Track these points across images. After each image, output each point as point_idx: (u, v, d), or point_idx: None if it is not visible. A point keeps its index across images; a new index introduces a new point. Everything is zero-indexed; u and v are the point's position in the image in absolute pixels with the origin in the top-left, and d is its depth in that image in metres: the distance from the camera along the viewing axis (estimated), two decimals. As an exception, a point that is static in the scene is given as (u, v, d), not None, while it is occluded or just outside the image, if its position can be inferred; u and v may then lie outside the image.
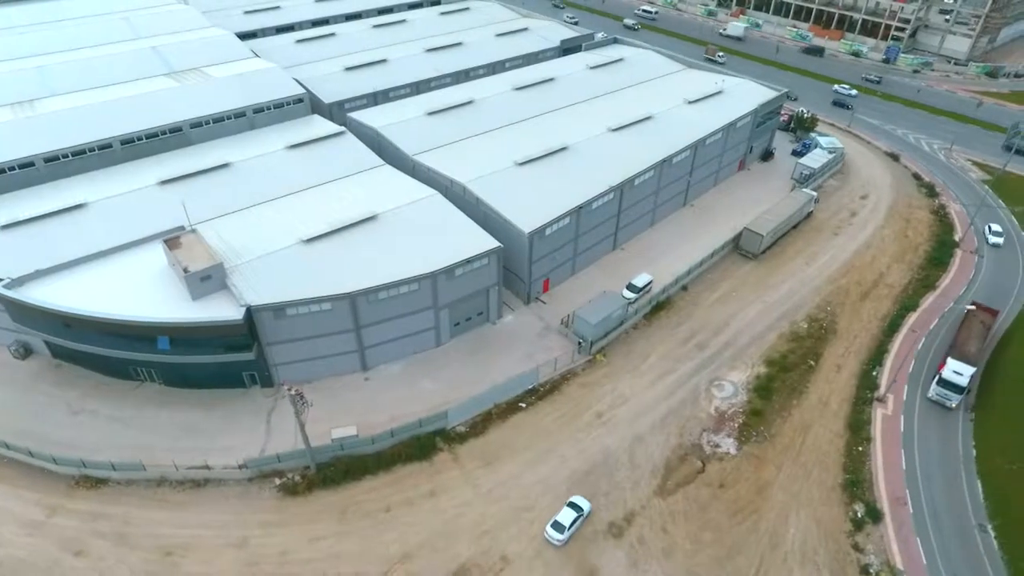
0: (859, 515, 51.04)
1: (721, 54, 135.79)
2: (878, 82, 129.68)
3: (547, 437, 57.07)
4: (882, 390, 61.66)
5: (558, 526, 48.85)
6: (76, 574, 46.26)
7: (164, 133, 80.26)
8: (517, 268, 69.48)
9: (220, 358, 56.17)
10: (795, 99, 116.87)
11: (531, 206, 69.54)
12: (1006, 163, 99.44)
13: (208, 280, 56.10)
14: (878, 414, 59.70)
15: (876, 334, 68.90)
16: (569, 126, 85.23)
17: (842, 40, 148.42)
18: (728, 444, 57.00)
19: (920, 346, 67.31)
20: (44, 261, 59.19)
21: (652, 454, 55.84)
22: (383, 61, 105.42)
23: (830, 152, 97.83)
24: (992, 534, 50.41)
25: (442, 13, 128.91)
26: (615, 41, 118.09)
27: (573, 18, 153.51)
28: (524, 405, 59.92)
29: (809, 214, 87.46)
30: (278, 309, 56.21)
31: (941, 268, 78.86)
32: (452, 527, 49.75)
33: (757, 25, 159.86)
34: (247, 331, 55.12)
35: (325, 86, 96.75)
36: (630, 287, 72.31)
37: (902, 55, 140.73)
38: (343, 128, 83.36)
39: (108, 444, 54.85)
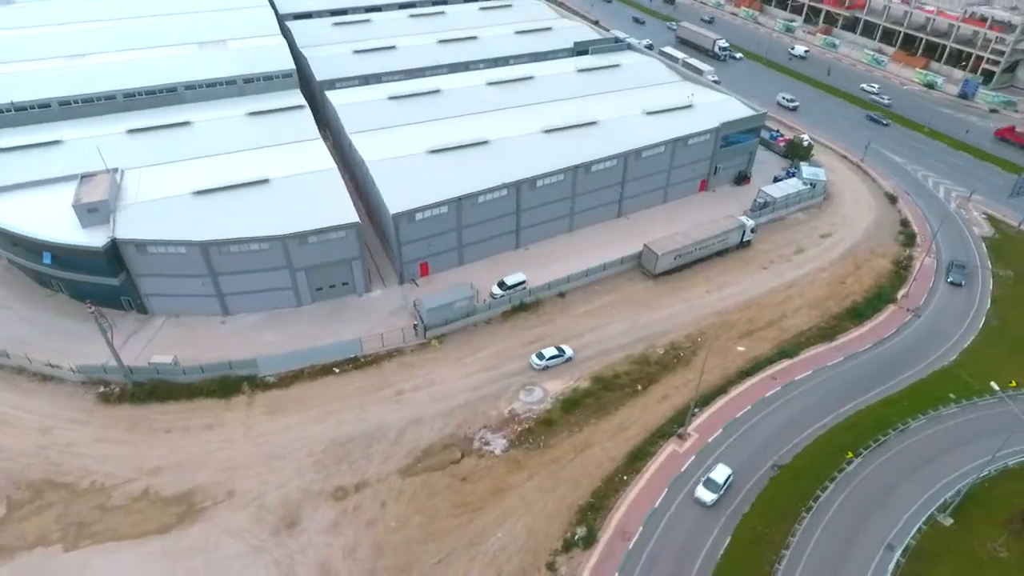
0: (575, 537, 49.78)
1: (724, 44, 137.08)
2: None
3: (339, 402, 60.93)
4: (688, 428, 58.32)
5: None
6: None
7: (161, 91, 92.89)
8: (392, 247, 73.37)
9: (90, 279, 66.11)
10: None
11: (415, 191, 72.88)
12: (1022, 221, 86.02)
13: (95, 212, 65.95)
14: (667, 449, 56.79)
15: (729, 373, 64.60)
16: (511, 123, 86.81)
17: (917, 70, 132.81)
18: (498, 444, 57.38)
19: (771, 394, 62.27)
20: (4, 181, 72.74)
21: (420, 437, 57.77)
22: (391, 48, 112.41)
23: (805, 183, 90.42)
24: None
25: (482, 8, 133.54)
26: (628, 47, 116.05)
27: (646, 42, 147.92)
28: (337, 371, 64.08)
29: (746, 243, 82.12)
30: (140, 245, 65.00)
31: (856, 321, 71.15)
32: (207, 457, 55.51)
33: (833, 45, 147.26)
34: (109, 259, 64.35)
35: (326, 65, 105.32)
36: (500, 284, 73.34)
37: (982, 91, 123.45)
38: (303, 103, 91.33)
39: (4, 335, 66.75)
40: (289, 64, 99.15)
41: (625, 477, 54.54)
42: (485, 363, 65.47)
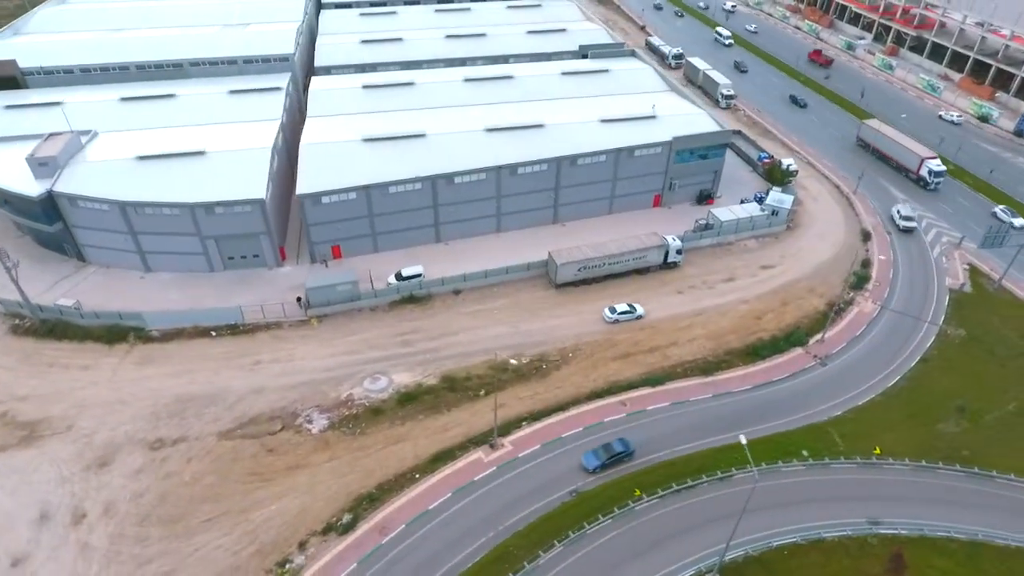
0: (338, 523, 50.54)
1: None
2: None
3: (201, 362, 65.13)
4: (503, 439, 57.05)
5: None
6: None
7: (168, 66, 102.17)
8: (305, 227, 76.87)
9: (35, 225, 74.68)
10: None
11: (332, 175, 75.83)
12: (1002, 275, 75.23)
13: (45, 166, 74.19)
14: (473, 456, 55.91)
15: (582, 392, 62.15)
16: (459, 119, 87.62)
17: (974, 100, 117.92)
18: (319, 424, 59.12)
19: (609, 419, 59.39)
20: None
21: (254, 405, 60.65)
22: (398, 40, 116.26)
23: (763, 209, 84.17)
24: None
25: (509, 7, 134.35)
26: (632, 54, 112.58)
27: (677, 51, 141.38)
28: (214, 334, 68.38)
29: (671, 264, 78.00)
30: (72, 199, 72.59)
31: (749, 360, 65.83)
32: (69, 393, 61.38)
33: (890, 67, 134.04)
34: (45, 208, 72.34)
35: (329, 53, 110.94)
36: (397, 275, 74.67)
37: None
38: (280, 86, 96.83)
39: (-32, 265, 76.91)
40: (287, 49, 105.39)
41: (418, 476, 54.47)
42: (350, 347, 67.28)
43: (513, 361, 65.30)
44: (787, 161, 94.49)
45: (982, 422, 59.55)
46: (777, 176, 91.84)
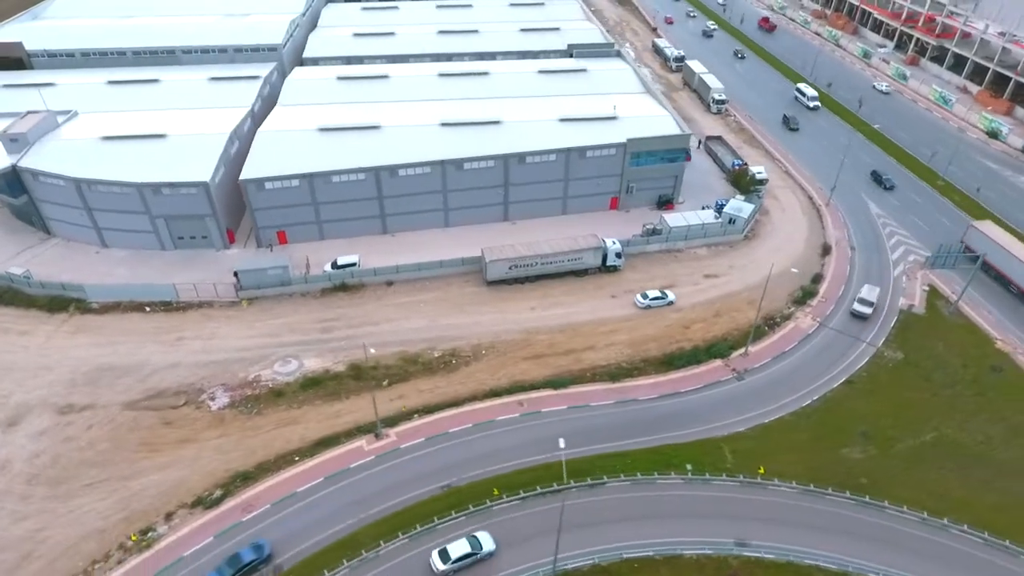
0: (208, 497, 51.85)
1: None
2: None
3: (129, 335, 67.74)
4: (390, 430, 57.29)
5: None
6: None
7: (162, 52, 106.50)
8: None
9: (4, 197, 79.08)
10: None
11: (280, 162, 77.63)
12: (958, 298, 70.73)
13: (15, 143, 78.53)
14: (356, 444, 56.32)
15: (482, 390, 61.73)
16: (422, 113, 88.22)
17: (984, 114, 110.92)
18: (220, 402, 60.69)
19: (502, 419, 58.78)
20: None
21: (165, 379, 62.73)
22: (390, 34, 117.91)
23: (717, 217, 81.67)
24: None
25: (511, 4, 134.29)
26: (618, 55, 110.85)
27: (679, 53, 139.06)
28: (148, 309, 71.02)
29: (611, 268, 76.59)
30: (34, 174, 76.58)
31: (662, 369, 64.02)
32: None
33: (904, 77, 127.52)
34: (10, 182, 76.59)
35: (320, 44, 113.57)
36: (333, 263, 75.82)
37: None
38: (259, 75, 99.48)
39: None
40: (276, 40, 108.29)
41: (298, 458, 55.30)
42: (272, 330, 68.75)
43: (436, 354, 65.57)
44: (756, 169, 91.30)
45: (892, 451, 56.24)
46: (742, 183, 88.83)
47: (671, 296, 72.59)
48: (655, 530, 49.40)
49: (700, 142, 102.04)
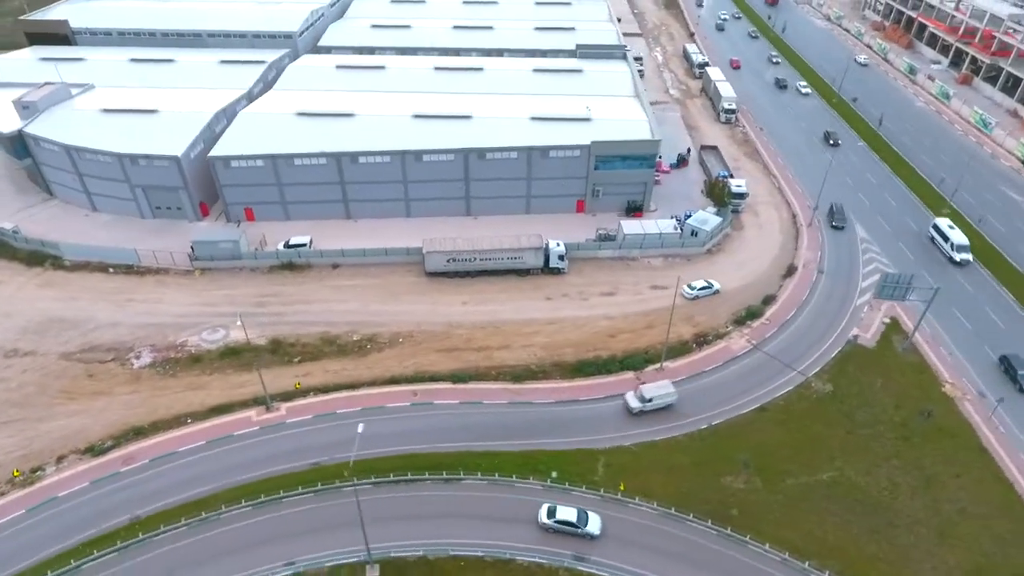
0: (98, 447, 55.47)
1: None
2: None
3: (88, 292, 73.14)
4: (283, 405, 59.22)
5: None
6: None
7: (189, 35, 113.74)
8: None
9: (12, 159, 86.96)
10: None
11: (251, 143, 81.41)
12: (912, 333, 65.18)
13: (26, 109, 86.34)
14: (248, 414, 58.55)
15: (383, 376, 62.63)
16: (402, 104, 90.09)
17: (1022, 141, 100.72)
18: (143, 361, 64.57)
19: (393, 406, 59.49)
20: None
21: (103, 335, 67.37)
22: (406, 27, 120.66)
23: (679, 229, 78.89)
24: None
25: (537, 3, 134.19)
26: (623, 57, 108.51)
27: (702, 59, 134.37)
28: (112, 271, 76.34)
29: (555, 270, 75.56)
30: (35, 139, 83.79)
31: (569, 376, 62.68)
32: (-27, 302, 71.91)
33: (947, 96, 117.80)
34: (15, 145, 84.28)
35: (336, 34, 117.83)
36: (285, 243, 78.75)
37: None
38: (265, 60, 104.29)
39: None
40: (292, 28, 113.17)
41: (190, 420, 58.15)
42: (212, 300, 72.34)
43: (354, 337, 67.24)
44: (736, 182, 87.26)
45: (780, 485, 52.76)
46: (717, 196, 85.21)
47: (716, 286, 72.71)
48: (495, 532, 48.80)
49: (689, 151, 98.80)
